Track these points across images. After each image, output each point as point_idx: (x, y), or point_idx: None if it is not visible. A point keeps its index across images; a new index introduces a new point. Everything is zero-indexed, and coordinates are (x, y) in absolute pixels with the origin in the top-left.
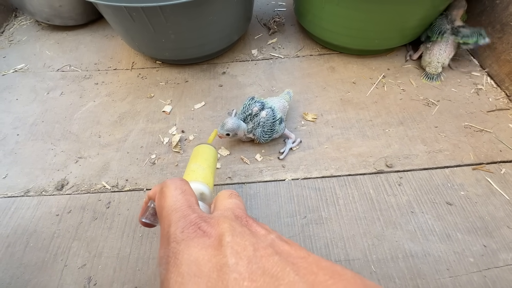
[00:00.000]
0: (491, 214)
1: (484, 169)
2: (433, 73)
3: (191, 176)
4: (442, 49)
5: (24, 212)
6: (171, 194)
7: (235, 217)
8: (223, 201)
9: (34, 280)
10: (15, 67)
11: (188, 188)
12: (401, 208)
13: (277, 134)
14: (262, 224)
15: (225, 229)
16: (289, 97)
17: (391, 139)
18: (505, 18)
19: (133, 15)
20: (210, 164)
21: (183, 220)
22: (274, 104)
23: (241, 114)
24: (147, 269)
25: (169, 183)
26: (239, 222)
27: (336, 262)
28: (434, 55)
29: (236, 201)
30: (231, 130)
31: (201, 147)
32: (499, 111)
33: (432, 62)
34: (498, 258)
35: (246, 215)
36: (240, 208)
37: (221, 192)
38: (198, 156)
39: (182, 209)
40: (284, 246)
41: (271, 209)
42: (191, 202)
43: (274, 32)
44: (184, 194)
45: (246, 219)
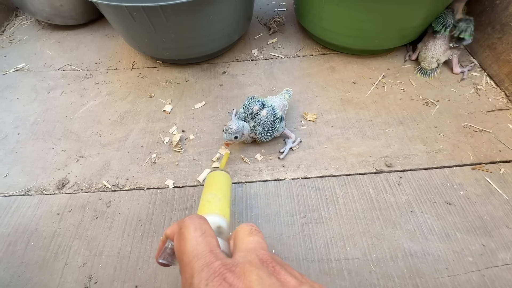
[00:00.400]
0: (490, 213)
1: (483, 169)
2: (427, 68)
3: (207, 208)
4: (437, 45)
5: (25, 211)
6: (191, 236)
7: (261, 262)
8: (244, 240)
9: (35, 278)
10: (15, 67)
11: (208, 228)
12: (401, 208)
13: (278, 133)
14: (291, 269)
15: (253, 283)
16: (288, 95)
17: (390, 139)
18: (504, 19)
19: (134, 15)
20: (225, 192)
21: (207, 270)
22: (274, 103)
23: (241, 114)
24: (148, 268)
25: (188, 223)
26: (266, 270)
27: (336, 261)
28: (429, 50)
29: (258, 239)
30: (238, 132)
31: (215, 174)
32: (498, 111)
33: (427, 57)
34: (497, 258)
35: (272, 258)
36: (264, 248)
37: (240, 228)
38: (213, 185)
39: (204, 255)
40: None
41: (271, 209)
42: (213, 245)
43: (274, 32)
44: (204, 236)
45: (273, 265)
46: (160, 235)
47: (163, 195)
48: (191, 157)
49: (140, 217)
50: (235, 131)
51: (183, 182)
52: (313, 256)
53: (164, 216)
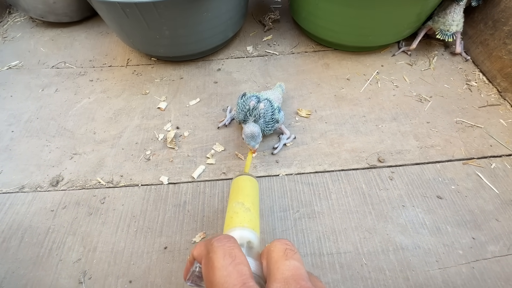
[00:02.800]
0: (480, 207)
1: (474, 164)
2: (447, 30)
3: (234, 220)
4: (457, 9)
5: (19, 207)
6: (220, 265)
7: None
8: (278, 264)
9: (29, 274)
10: (9, 64)
11: (238, 253)
12: (393, 202)
13: (278, 124)
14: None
15: None
16: (281, 89)
17: (384, 134)
18: (496, 15)
19: (127, 11)
20: (253, 200)
21: None
22: (269, 96)
23: (239, 113)
24: (141, 263)
25: (216, 248)
26: None
27: (328, 255)
28: (449, 14)
29: (296, 263)
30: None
31: (240, 179)
32: (490, 107)
33: (447, 21)
34: (486, 250)
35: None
36: (302, 277)
37: (274, 247)
38: (240, 192)
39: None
40: None
41: (264, 204)
42: (245, 276)
43: (269, 29)
44: (235, 265)
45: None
46: (154, 231)
47: (157, 192)
48: (186, 154)
49: (134, 213)
50: (259, 132)
51: (177, 178)
52: (306, 250)
53: (158, 212)
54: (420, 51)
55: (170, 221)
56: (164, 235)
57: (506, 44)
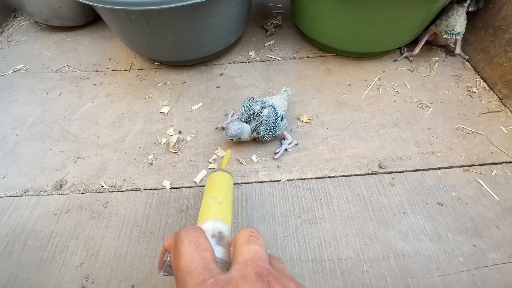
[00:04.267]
0: (481, 214)
1: (475, 171)
2: (451, 30)
3: (207, 213)
4: (459, 12)
5: (23, 211)
6: (185, 252)
7: (256, 276)
8: (241, 249)
9: (32, 278)
10: (14, 68)
11: (203, 241)
12: (393, 209)
13: (280, 131)
14: (286, 279)
15: None
16: (286, 95)
17: (385, 140)
18: (497, 22)
19: (131, 18)
20: (226, 195)
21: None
22: (274, 102)
23: (243, 115)
24: (144, 268)
25: (182, 237)
26: (259, 286)
27: (329, 261)
28: (452, 16)
29: (256, 247)
30: (234, 136)
31: (215, 175)
32: (491, 114)
33: (449, 23)
34: (487, 258)
35: (268, 271)
36: (261, 258)
37: (239, 234)
38: (213, 187)
39: (197, 272)
40: None
41: (266, 209)
42: (207, 260)
43: (271, 34)
44: (199, 251)
45: (268, 279)
46: (157, 235)
47: (160, 196)
48: (188, 158)
49: (137, 217)
50: (231, 135)
51: (179, 183)
52: (307, 256)
53: (161, 217)
54: (421, 57)
55: (173, 226)
56: None
57: (507, 51)
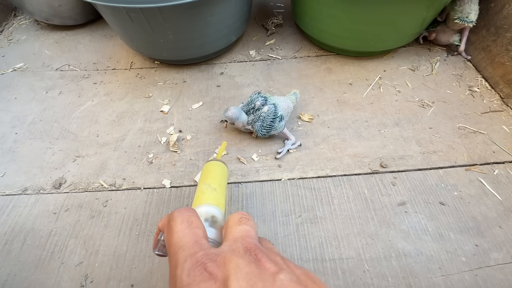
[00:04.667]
0: (483, 214)
1: (477, 170)
2: (465, 17)
3: (200, 198)
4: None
5: (22, 210)
6: (177, 229)
7: (244, 250)
8: (232, 229)
9: (31, 277)
10: (14, 66)
11: (195, 220)
12: (395, 208)
13: (276, 132)
14: (273, 253)
15: (230, 271)
16: (295, 97)
17: (386, 140)
18: (499, 21)
19: (132, 16)
20: (220, 182)
21: (190, 260)
22: (278, 102)
23: (245, 106)
24: (143, 267)
25: (175, 216)
26: (247, 259)
27: (330, 261)
28: (468, 2)
29: (246, 227)
30: (230, 119)
31: (210, 164)
32: (493, 113)
33: (464, 9)
34: (490, 258)
35: (256, 247)
36: (250, 236)
37: (231, 217)
38: (208, 175)
39: (188, 246)
40: None
41: (266, 208)
42: (198, 236)
43: (272, 33)
44: (190, 228)
45: (255, 253)
46: None
47: (160, 195)
48: (188, 157)
49: (137, 216)
50: (227, 116)
51: (179, 182)
52: (308, 256)
53: (161, 216)
54: (422, 57)
55: None
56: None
57: (509, 50)
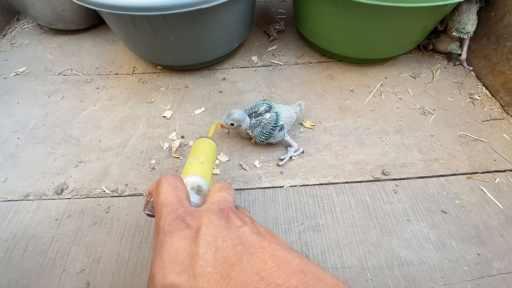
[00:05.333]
0: (485, 223)
1: (478, 178)
2: (462, 28)
3: (188, 170)
4: (472, 10)
5: (24, 216)
6: (163, 190)
7: (219, 210)
8: (213, 195)
9: (32, 284)
10: (16, 70)
11: (179, 184)
12: (397, 216)
13: (274, 140)
14: (243, 215)
15: (203, 222)
16: (299, 109)
17: (388, 147)
18: (499, 30)
19: (136, 23)
20: (208, 157)
21: (171, 214)
22: (281, 111)
23: (248, 109)
24: (146, 275)
25: (163, 180)
26: (219, 215)
27: (332, 269)
28: (465, 13)
29: (225, 194)
30: (237, 121)
31: (200, 141)
32: (493, 121)
33: (462, 19)
34: (492, 267)
35: (229, 208)
36: (226, 200)
37: (213, 186)
38: (197, 150)
39: (172, 204)
40: (251, 237)
41: (269, 216)
42: (181, 197)
43: (274, 39)
44: (175, 190)
45: (227, 212)
46: None
47: None
48: None
49: (139, 223)
50: (234, 119)
51: None
52: None
53: None
54: (423, 64)
55: None
56: None
57: (509, 59)
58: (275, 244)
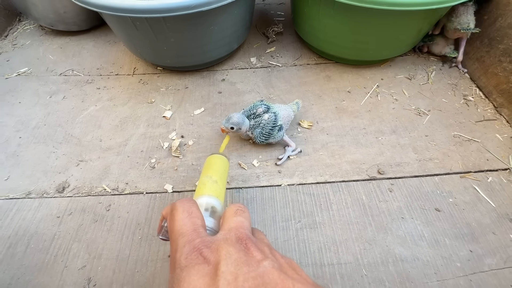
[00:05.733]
0: (477, 220)
1: (471, 177)
2: (466, 27)
3: (202, 190)
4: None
5: (26, 214)
6: (179, 217)
7: (236, 239)
8: (228, 220)
9: (34, 281)
10: (18, 71)
11: (195, 210)
12: (392, 214)
13: (274, 140)
14: (262, 243)
15: (221, 257)
16: (297, 107)
17: (383, 147)
18: (492, 33)
19: (137, 24)
20: (221, 175)
21: (188, 246)
22: (279, 111)
23: (246, 111)
24: (146, 271)
25: (177, 205)
26: (237, 247)
27: (329, 266)
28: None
29: (241, 219)
30: (237, 124)
31: (212, 157)
32: (487, 122)
33: (462, 19)
34: (484, 263)
35: (247, 237)
36: (243, 227)
37: (229, 208)
38: (210, 168)
39: (187, 233)
40: (273, 275)
41: (267, 214)
42: (197, 225)
43: (272, 41)
44: (190, 217)
45: (246, 242)
46: (159, 239)
47: (162, 200)
48: (190, 162)
49: (139, 221)
50: (234, 122)
51: (181, 186)
52: (307, 261)
53: None
54: (419, 66)
55: None
56: (169, 243)
57: (501, 61)
58: (299, 284)
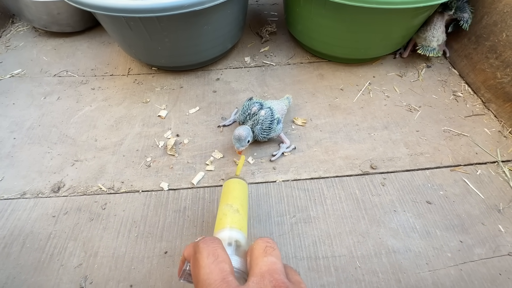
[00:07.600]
0: (467, 212)
1: (461, 171)
2: (427, 46)
3: (223, 221)
4: (437, 25)
5: (21, 213)
6: (204, 263)
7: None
8: (258, 261)
9: (30, 280)
10: (12, 72)
11: (221, 253)
12: (385, 207)
13: (275, 134)
14: None
15: None
16: (288, 102)
17: (376, 142)
18: (479, 31)
19: (131, 24)
20: (242, 202)
21: None
22: (273, 106)
23: (241, 115)
24: (142, 268)
25: (202, 248)
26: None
27: (323, 259)
28: (430, 30)
29: (273, 259)
30: (249, 135)
31: (230, 182)
32: (475, 117)
33: (427, 37)
34: (473, 253)
35: (285, 284)
36: (277, 271)
37: (256, 245)
38: (229, 194)
39: (216, 284)
40: None
41: (262, 209)
42: (226, 273)
43: (266, 40)
44: (217, 263)
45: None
46: (155, 236)
47: (158, 198)
48: (185, 161)
49: (135, 218)
50: (247, 136)
51: (177, 184)
52: (302, 254)
53: (159, 218)
54: (409, 63)
55: (170, 226)
56: (165, 240)
57: (488, 58)
58: None
